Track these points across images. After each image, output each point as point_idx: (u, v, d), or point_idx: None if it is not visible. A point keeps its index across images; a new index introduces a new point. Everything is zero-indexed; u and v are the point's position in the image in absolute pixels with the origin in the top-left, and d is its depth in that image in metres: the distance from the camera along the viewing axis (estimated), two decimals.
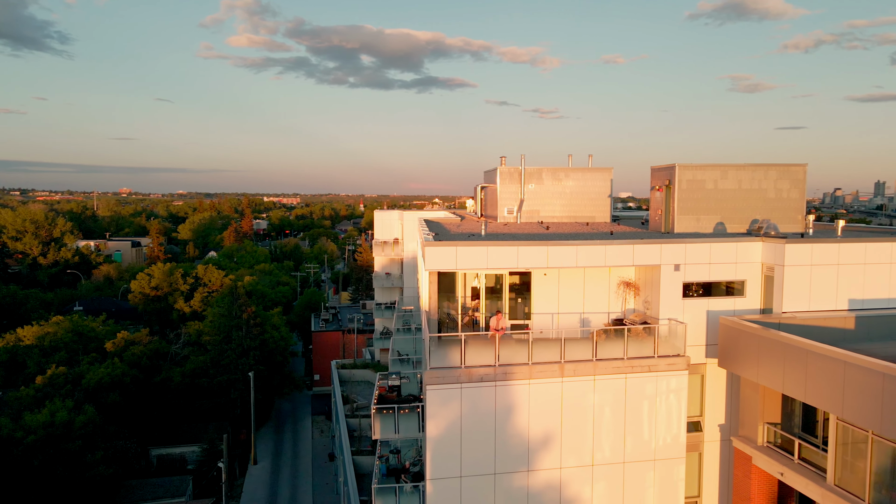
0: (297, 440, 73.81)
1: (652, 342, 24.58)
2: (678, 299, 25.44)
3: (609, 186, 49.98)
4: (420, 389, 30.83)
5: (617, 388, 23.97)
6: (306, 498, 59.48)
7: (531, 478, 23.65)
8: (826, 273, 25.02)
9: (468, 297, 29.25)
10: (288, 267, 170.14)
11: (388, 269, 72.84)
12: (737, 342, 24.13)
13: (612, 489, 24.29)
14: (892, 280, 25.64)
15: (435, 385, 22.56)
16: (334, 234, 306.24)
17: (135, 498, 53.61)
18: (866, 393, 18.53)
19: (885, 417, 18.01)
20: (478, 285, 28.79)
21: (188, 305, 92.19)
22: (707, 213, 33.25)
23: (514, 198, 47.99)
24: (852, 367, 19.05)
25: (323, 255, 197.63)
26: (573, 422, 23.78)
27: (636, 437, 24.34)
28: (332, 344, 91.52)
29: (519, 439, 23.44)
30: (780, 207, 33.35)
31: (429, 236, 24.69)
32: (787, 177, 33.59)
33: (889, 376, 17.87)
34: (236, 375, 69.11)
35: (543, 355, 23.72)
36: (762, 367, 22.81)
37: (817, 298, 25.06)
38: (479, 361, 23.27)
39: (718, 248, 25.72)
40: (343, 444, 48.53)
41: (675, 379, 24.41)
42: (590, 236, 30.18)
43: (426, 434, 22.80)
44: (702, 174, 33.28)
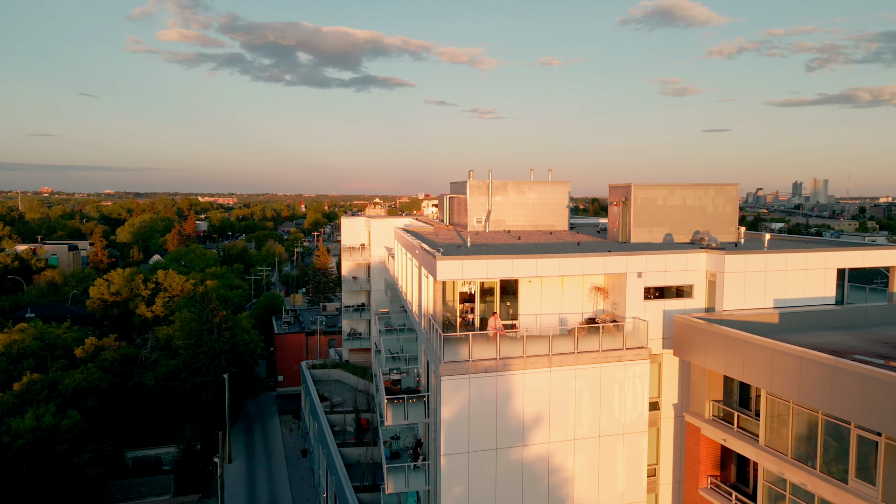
0: (268, 439, 76.64)
1: (621, 337, 29.81)
2: (640, 301, 30.77)
3: (567, 198, 55.62)
4: (417, 383, 35.34)
5: (593, 375, 29.08)
6: (284, 492, 62.71)
7: (525, 451, 28.47)
8: (756, 278, 30.86)
9: (457, 301, 33.80)
10: (238, 270, 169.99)
11: (355, 274, 76.47)
12: (688, 335, 29.63)
13: (590, 459, 29.40)
14: (807, 283, 31.75)
15: (448, 376, 27.06)
16: (279, 235, 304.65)
17: (120, 497, 55.69)
18: (789, 372, 24.15)
19: (803, 390, 23.64)
20: (469, 291, 33.36)
21: (150, 311, 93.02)
22: (658, 225, 38.97)
23: (482, 208, 52.77)
24: (778, 352, 24.67)
25: (273, 258, 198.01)
26: (559, 404, 28.74)
27: (609, 415, 29.52)
28: (295, 346, 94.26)
29: (515, 420, 28.21)
30: (717, 220, 39.43)
31: (438, 251, 29.02)
32: (722, 195, 39.73)
33: (805, 359, 23.51)
34: (209, 378, 71.39)
35: (533, 350, 28.56)
36: (708, 354, 28.35)
37: (750, 298, 30.88)
38: (479, 356, 27.89)
39: (672, 259, 31.20)
40: (328, 437, 52.17)
41: (640, 367, 29.73)
42: (563, 248, 35.28)
43: (441, 417, 27.27)
44: (653, 193, 39.00)
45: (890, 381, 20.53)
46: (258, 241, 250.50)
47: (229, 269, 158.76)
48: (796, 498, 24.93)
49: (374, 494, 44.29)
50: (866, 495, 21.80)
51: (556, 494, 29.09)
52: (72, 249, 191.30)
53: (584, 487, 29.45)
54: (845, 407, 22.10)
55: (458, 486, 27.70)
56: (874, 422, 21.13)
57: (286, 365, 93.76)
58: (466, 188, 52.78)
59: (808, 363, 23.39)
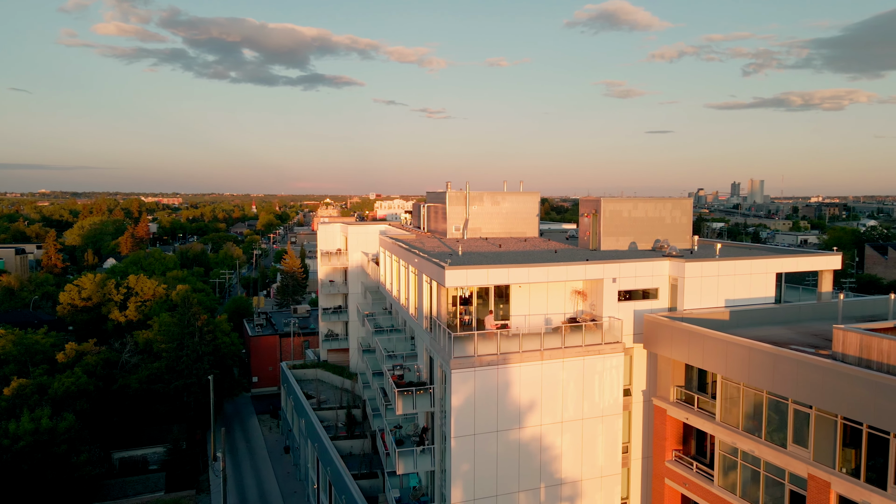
0: (249, 437, 79.41)
1: (599, 333, 34.86)
2: (615, 302, 35.91)
3: (537, 207, 60.86)
4: (417, 377, 39.68)
5: (577, 366, 34.05)
6: (272, 486, 65.92)
7: (521, 433, 33.22)
8: (711, 282, 36.42)
9: (449, 303, 38.26)
10: (198, 273, 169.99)
11: (332, 277, 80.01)
12: (655, 331, 34.92)
13: (575, 438, 34.36)
14: (752, 285, 37.52)
15: (458, 369, 31.55)
16: (234, 237, 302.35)
17: (115, 495, 58.09)
18: (740, 360, 29.58)
19: (751, 374, 29.10)
20: (463, 295, 37.80)
21: (123, 315, 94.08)
22: (623, 234, 44.41)
23: (460, 217, 57.43)
24: (731, 344, 30.09)
25: (231, 260, 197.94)
26: (549, 392, 33.59)
27: (590, 400, 34.55)
28: (269, 347, 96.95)
29: (513, 406, 32.92)
30: (675, 230, 45.14)
31: (446, 261, 33.38)
32: (678, 207, 45.50)
33: (753, 349, 28.95)
34: (192, 380, 73.78)
35: (527, 346, 33.31)
36: (673, 347, 33.68)
37: (705, 299, 36.41)
38: (483, 352, 32.45)
39: (641, 266, 36.45)
40: (320, 431, 55.76)
41: (615, 359, 34.87)
42: (543, 255, 40.20)
43: (451, 405, 31.73)
44: (620, 206, 44.44)
45: (819, 364, 26.08)
46: (214, 243, 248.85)
47: (190, 273, 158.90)
48: (746, 463, 30.43)
49: (372, 481, 48.37)
50: (801, 456, 27.34)
51: (546, 469, 33.95)
52: (19, 253, 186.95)
53: (570, 463, 34.42)
54: (784, 387, 27.61)
55: (466, 464, 32.24)
56: (806, 397, 26.67)
57: (261, 366, 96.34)
58: (445, 198, 57.34)
59: (755, 352, 28.86)
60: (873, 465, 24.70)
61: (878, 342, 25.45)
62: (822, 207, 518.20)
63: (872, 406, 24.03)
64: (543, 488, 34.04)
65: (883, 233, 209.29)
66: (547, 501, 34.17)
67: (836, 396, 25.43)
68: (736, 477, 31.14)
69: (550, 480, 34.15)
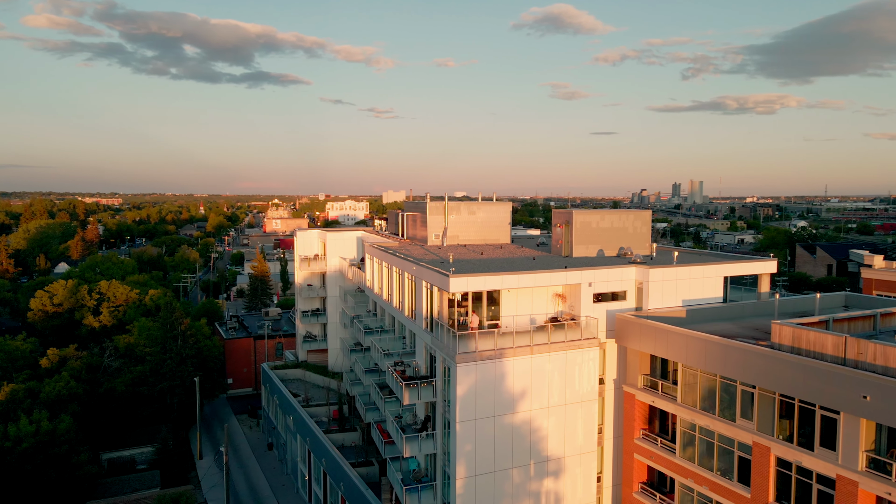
0: (231, 436, 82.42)
1: (578, 331, 40.51)
2: (591, 303, 41.64)
3: (509, 216, 66.53)
4: (416, 372, 44.50)
5: (561, 359, 39.62)
6: (260, 480, 69.52)
7: (514, 417, 38.56)
8: (671, 285, 42.57)
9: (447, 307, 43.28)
10: (157, 277, 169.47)
11: (310, 282, 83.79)
12: (625, 328, 40.80)
13: (559, 421, 39.93)
14: (704, 288, 43.89)
15: (462, 363, 36.64)
16: (186, 239, 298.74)
17: (113, 492, 60.75)
18: (697, 350, 35.66)
19: (707, 362, 35.20)
20: (454, 298, 42.79)
21: (97, 320, 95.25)
22: (592, 243, 50.35)
23: (439, 226, 62.52)
24: (690, 337, 36.14)
25: (190, 264, 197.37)
26: (537, 381, 39.04)
27: (571, 388, 40.18)
28: (244, 350, 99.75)
29: (508, 394, 38.23)
30: (636, 239, 51.35)
31: (450, 270, 38.35)
32: (639, 218, 51.76)
33: (708, 341, 35.05)
34: (176, 382, 76.49)
35: (519, 342, 38.66)
36: (640, 340, 39.61)
37: (666, 300, 42.53)
38: (482, 348, 37.61)
39: (612, 272, 42.31)
40: (312, 426, 59.82)
41: (592, 352, 40.61)
42: (523, 262, 45.69)
43: (456, 394, 36.77)
44: (589, 217, 50.41)
45: (761, 352, 32.31)
46: (168, 246, 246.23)
47: (151, 277, 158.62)
48: (702, 436, 36.56)
49: (368, 468, 52.93)
50: (747, 428, 33.55)
51: (535, 448, 39.41)
52: None
53: (555, 442, 39.98)
54: (733, 371, 33.77)
55: (468, 445, 37.39)
56: (751, 379, 32.86)
57: (235, 368, 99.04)
58: (425, 208, 62.34)
59: (709, 344, 34.99)
60: (803, 432, 31.01)
61: (806, 334, 31.83)
62: (757, 208, 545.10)
63: (802, 384, 30.31)
64: (532, 465, 39.51)
65: (812, 233, 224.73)
66: (535, 476, 39.65)
67: (774, 378, 31.66)
68: (694, 449, 37.26)
69: (538, 458, 39.64)
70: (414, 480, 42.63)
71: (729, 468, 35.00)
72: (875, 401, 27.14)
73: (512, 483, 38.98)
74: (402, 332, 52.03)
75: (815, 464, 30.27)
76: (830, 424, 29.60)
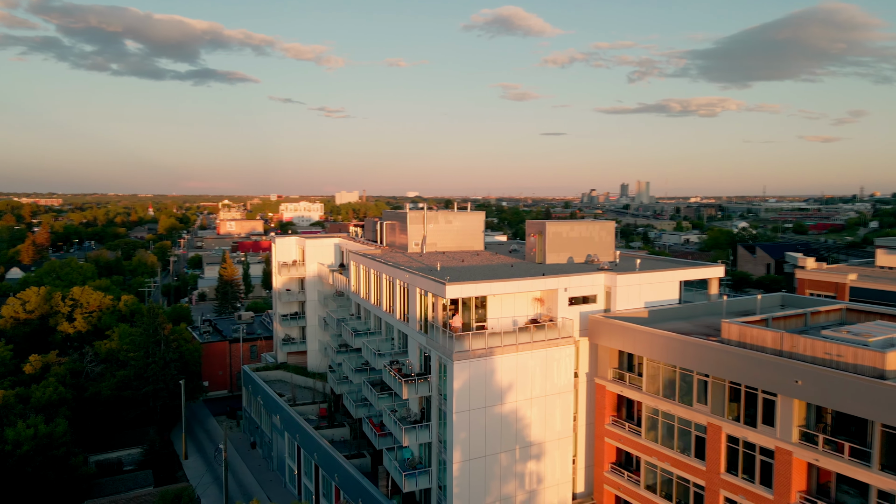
0: (213, 437, 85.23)
1: (556, 330, 45.97)
2: (566, 306, 47.16)
3: (482, 225, 71.76)
4: (410, 370, 49.18)
5: (541, 356, 44.99)
6: (248, 477, 72.84)
7: (502, 407, 43.73)
8: (635, 289, 48.49)
9: (440, 311, 48.11)
10: (118, 281, 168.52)
11: (288, 286, 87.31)
12: (596, 327, 46.47)
13: (540, 411, 45.31)
14: (663, 291, 49.98)
15: (458, 360, 41.58)
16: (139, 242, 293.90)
17: (108, 491, 63.31)
18: (659, 346, 41.52)
19: (668, 355, 41.09)
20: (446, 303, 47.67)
21: (72, 327, 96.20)
22: (563, 251, 56.04)
23: (419, 234, 67.32)
24: (653, 335, 41.99)
25: (149, 268, 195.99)
26: (522, 375, 44.30)
27: (551, 381, 45.62)
28: (219, 353, 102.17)
29: (496, 387, 43.36)
30: (601, 246, 57.28)
31: (445, 278, 43.16)
32: (604, 229, 57.73)
33: (669, 338, 40.93)
34: (160, 385, 78.95)
35: (506, 341, 43.84)
36: (610, 338, 45.32)
37: (632, 302, 48.42)
38: (475, 346, 42.61)
39: (584, 278, 47.95)
40: (301, 423, 63.65)
41: (568, 349, 46.14)
42: (503, 269, 50.94)
43: (454, 388, 41.66)
44: (560, 227, 56.09)
45: (713, 346, 38.32)
46: (123, 249, 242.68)
47: (112, 282, 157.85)
48: (664, 419, 42.47)
49: (361, 460, 57.27)
50: (702, 411, 39.56)
51: (520, 435, 44.68)
52: None
53: (537, 429, 45.34)
54: (690, 363, 39.74)
55: (463, 433, 42.38)
56: (705, 369, 38.86)
57: (211, 371, 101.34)
58: (405, 217, 67.14)
59: (670, 340, 40.91)
60: (749, 413, 37.14)
61: (750, 330, 38.02)
62: (701, 208, 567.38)
63: (747, 373, 36.41)
64: (518, 449, 44.79)
65: (752, 234, 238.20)
66: (520, 459, 44.95)
67: (724, 368, 37.71)
68: (657, 431, 43.16)
69: (523, 443, 44.95)
70: (409, 468, 47.32)
71: (687, 446, 41.00)
72: (805, 385, 33.36)
73: (500, 466, 44.17)
74: (390, 333, 56.55)
75: (758, 438, 36.42)
76: (770, 405, 35.78)
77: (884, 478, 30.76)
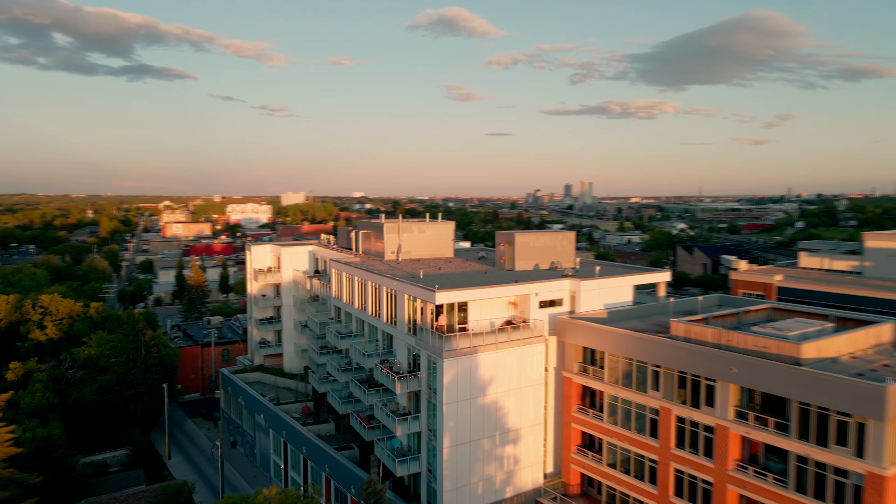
0: (192, 438, 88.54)
1: (529, 331, 52.49)
2: (537, 309, 53.73)
3: (452, 234, 77.84)
4: (398, 368, 54.83)
5: (517, 353, 51.44)
6: (232, 473, 76.81)
7: (484, 399, 49.94)
8: (595, 293, 55.52)
9: (430, 315, 53.95)
10: (73, 287, 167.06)
11: (264, 292, 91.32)
12: (563, 327, 53.23)
13: (516, 401, 51.74)
14: (619, 294, 57.23)
15: (447, 358, 47.55)
16: (82, 247, 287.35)
17: (102, 491, 66.38)
18: (619, 342, 48.53)
19: (626, 350, 48.12)
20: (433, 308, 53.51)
21: (44, 334, 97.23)
22: (530, 259, 62.72)
23: (394, 242, 72.91)
24: (614, 333, 48.97)
25: (101, 273, 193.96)
26: (501, 370, 50.61)
27: (525, 375, 52.11)
28: (191, 357, 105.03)
29: (480, 381, 49.54)
30: (563, 254, 64.23)
31: (434, 286, 48.97)
32: (566, 238, 64.78)
33: (627, 335, 47.97)
34: (142, 389, 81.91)
35: (487, 340, 50.06)
36: (576, 336, 52.16)
37: (593, 304, 55.41)
38: (461, 346, 48.65)
39: (552, 284, 54.63)
40: (288, 421, 68.36)
41: (539, 347, 52.75)
42: (478, 276, 57.20)
43: (444, 382, 47.59)
44: (527, 238, 62.78)
45: (664, 342, 45.52)
46: (70, 254, 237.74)
47: (68, 289, 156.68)
48: (622, 405, 49.53)
49: (349, 451, 62.49)
50: (656, 396, 46.75)
51: (500, 422, 51.00)
52: None
53: (514, 417, 51.76)
54: (645, 356, 46.86)
55: (452, 422, 48.39)
56: (658, 361, 46.04)
57: (184, 375, 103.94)
58: (381, 227, 72.65)
59: (628, 337, 47.96)
60: (694, 397, 44.45)
61: (694, 328, 45.40)
62: (642, 209, 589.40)
63: (692, 363, 43.70)
64: (497, 435, 51.10)
65: (690, 235, 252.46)
66: (500, 444, 51.27)
67: (673, 359, 44.94)
68: (617, 415, 50.19)
69: (502, 429, 51.28)
70: (399, 455, 52.99)
71: (643, 427, 48.15)
72: (739, 372, 40.80)
73: (483, 450, 50.38)
74: (374, 335, 61.98)
75: (701, 417, 43.78)
76: (711, 390, 43.14)
77: (800, 444, 38.41)
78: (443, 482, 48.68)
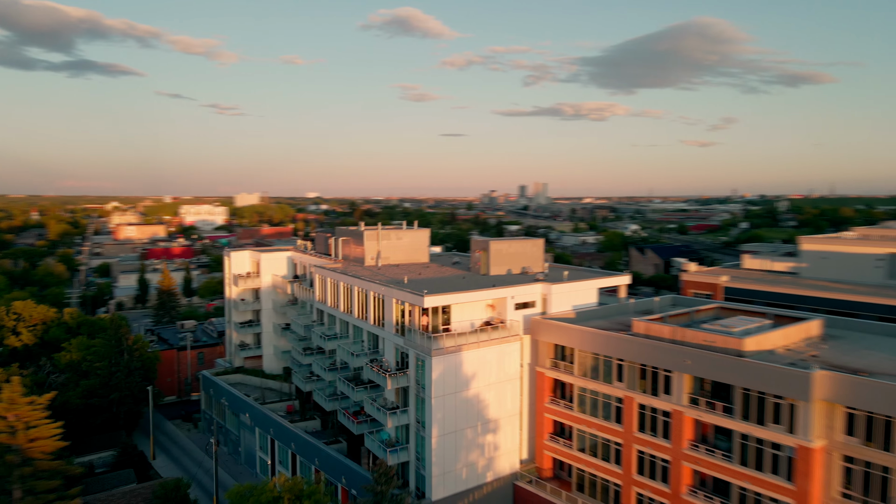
0: (174, 439, 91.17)
1: (506, 330, 58.01)
2: (514, 310, 59.30)
3: (428, 240, 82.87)
4: (387, 366, 59.67)
5: (496, 350, 56.91)
6: (219, 472, 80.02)
7: (468, 392, 55.24)
8: (565, 296, 61.44)
9: (418, 317, 58.89)
10: (33, 292, 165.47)
11: (243, 296, 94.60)
12: (537, 326, 58.94)
13: (496, 394, 57.20)
14: (586, 296, 63.33)
15: (435, 356, 52.66)
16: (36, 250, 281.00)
17: (96, 490, 69.05)
18: (587, 339, 54.47)
19: (594, 346, 54.06)
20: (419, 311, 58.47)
21: (19, 340, 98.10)
22: (504, 264, 68.39)
23: (374, 249, 77.59)
24: (582, 331, 54.88)
25: (58, 278, 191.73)
26: (483, 366, 55.98)
27: (503, 371, 57.63)
28: (168, 361, 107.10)
29: (464, 376, 54.81)
30: (533, 259, 70.10)
31: (423, 291, 53.90)
32: (535, 245, 70.71)
33: (595, 333, 53.93)
34: (126, 392, 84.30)
35: (470, 339, 55.35)
36: (548, 334, 57.93)
37: (563, 306, 61.31)
38: (447, 345, 53.79)
39: (526, 288, 60.30)
40: (276, 418, 72.22)
41: (515, 345, 58.35)
42: (461, 282, 62.50)
43: (432, 378, 52.65)
44: (501, 245, 68.45)
45: (627, 338, 51.63)
46: (25, 258, 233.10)
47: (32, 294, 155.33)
48: (590, 396, 55.50)
49: (338, 445, 66.88)
50: (620, 387, 52.79)
51: (481, 414, 56.39)
52: None
53: (493, 409, 57.22)
54: (610, 351, 52.92)
55: (440, 414, 53.53)
56: (621, 356, 52.14)
57: (161, 378, 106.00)
58: (361, 234, 77.23)
59: (595, 334, 53.96)
60: (653, 386, 50.70)
61: (652, 325, 51.69)
62: (595, 210, 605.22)
63: (651, 357, 49.93)
64: (479, 425, 56.48)
65: (642, 236, 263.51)
66: (481, 433, 56.67)
67: (635, 354, 51.10)
68: (585, 405, 56.16)
69: (483, 420, 56.69)
70: (388, 446, 57.82)
71: (608, 414, 54.22)
72: (692, 364, 47.16)
73: (466, 439, 55.68)
74: (359, 336, 66.56)
75: (660, 404, 50.05)
76: (668, 379, 49.44)
77: (742, 424, 44.95)
78: (431, 468, 53.77)
